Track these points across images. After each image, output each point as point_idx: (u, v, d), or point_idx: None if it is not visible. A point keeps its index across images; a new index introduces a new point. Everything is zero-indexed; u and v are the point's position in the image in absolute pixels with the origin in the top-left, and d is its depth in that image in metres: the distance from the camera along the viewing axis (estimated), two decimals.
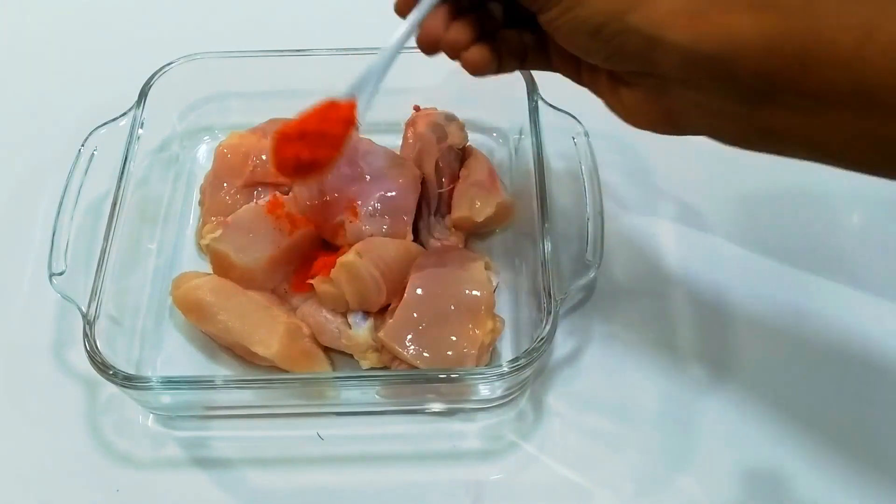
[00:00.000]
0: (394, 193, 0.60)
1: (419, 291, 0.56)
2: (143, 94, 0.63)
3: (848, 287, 0.61)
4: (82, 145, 0.61)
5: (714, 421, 0.55)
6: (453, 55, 0.46)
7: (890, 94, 0.36)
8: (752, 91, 0.39)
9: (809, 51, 0.37)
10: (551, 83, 0.63)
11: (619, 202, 0.64)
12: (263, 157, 0.63)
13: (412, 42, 0.51)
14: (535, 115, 0.61)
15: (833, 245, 0.63)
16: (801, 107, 0.38)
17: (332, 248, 0.60)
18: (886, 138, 0.37)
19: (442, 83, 0.67)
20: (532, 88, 0.63)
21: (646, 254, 0.63)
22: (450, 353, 0.54)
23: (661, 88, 0.42)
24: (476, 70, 0.46)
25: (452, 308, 0.55)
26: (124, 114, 0.63)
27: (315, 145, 0.45)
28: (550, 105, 0.62)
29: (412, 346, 0.54)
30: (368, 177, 0.61)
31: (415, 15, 0.45)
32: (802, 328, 0.59)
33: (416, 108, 0.65)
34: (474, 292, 0.56)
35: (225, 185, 0.63)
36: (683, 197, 0.66)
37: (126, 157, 0.60)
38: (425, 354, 0.54)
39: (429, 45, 0.46)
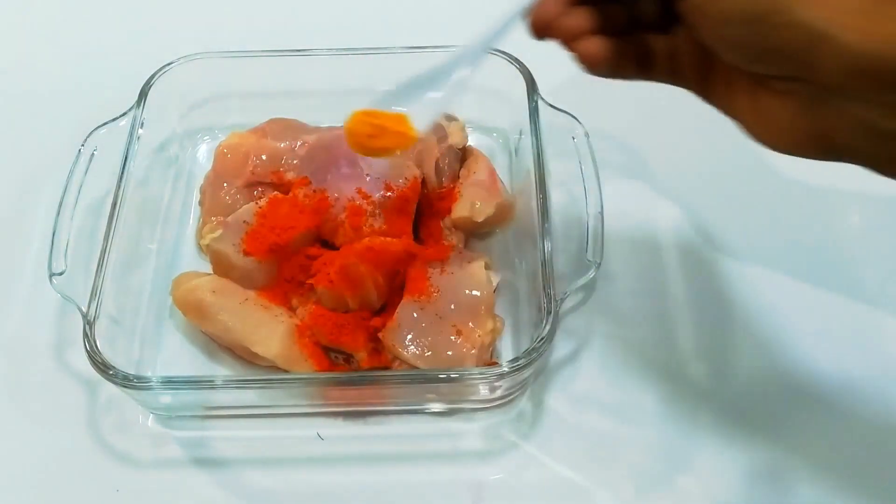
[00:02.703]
0: (394, 193, 0.60)
1: (419, 291, 0.56)
2: (143, 94, 0.63)
3: (849, 286, 0.61)
4: (82, 145, 0.61)
5: (714, 421, 0.55)
6: (568, 43, 0.41)
7: None
8: None
9: None
10: (551, 83, 0.63)
11: (619, 202, 0.64)
12: (263, 157, 0.63)
13: (415, 42, 0.50)
14: (535, 115, 0.61)
15: (833, 244, 0.63)
16: None
17: (332, 248, 0.60)
18: None
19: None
20: (532, 88, 0.62)
21: (646, 254, 0.63)
22: (450, 353, 0.54)
23: (818, 100, 0.36)
24: (592, 64, 0.41)
25: (452, 308, 0.55)
26: (124, 114, 0.63)
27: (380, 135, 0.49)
28: (550, 105, 0.62)
29: (412, 346, 0.54)
30: (368, 177, 0.61)
31: None
32: (803, 328, 0.59)
33: None
34: (474, 292, 0.57)
35: (225, 185, 0.63)
36: (683, 197, 0.66)
37: (126, 157, 0.60)
38: (426, 354, 0.54)
39: (540, 27, 0.41)
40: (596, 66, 0.41)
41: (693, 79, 0.42)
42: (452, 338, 0.54)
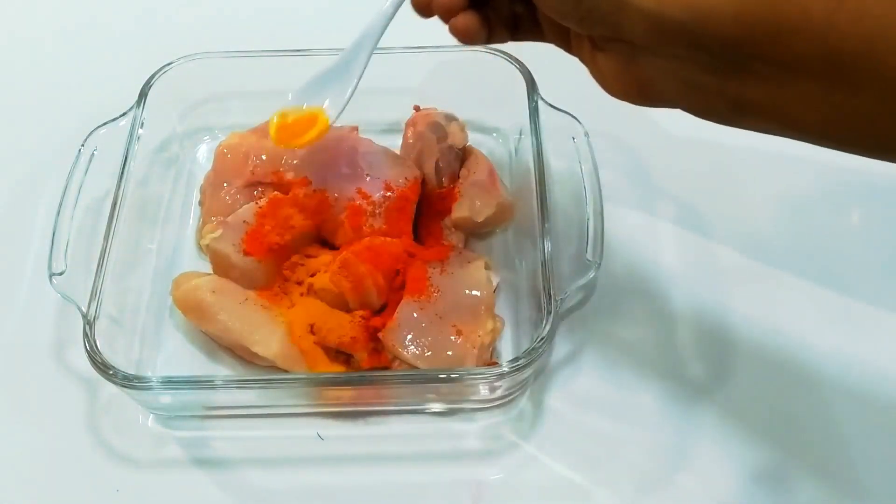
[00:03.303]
0: (394, 193, 0.60)
1: (419, 291, 0.56)
2: (143, 94, 0.63)
3: (850, 286, 0.61)
4: (82, 145, 0.61)
5: (714, 421, 0.55)
6: (444, 20, 0.46)
7: (857, 63, 0.35)
8: (721, 61, 0.38)
9: (780, 19, 0.36)
10: (551, 83, 0.63)
11: (619, 202, 0.64)
12: (263, 157, 0.63)
13: (415, 42, 0.51)
14: (535, 115, 0.61)
15: (832, 244, 0.63)
16: (772, 78, 0.37)
17: (332, 248, 0.60)
18: (855, 111, 0.36)
19: (442, 83, 0.68)
20: (532, 88, 0.63)
21: (646, 254, 0.63)
22: (450, 353, 0.54)
23: (632, 56, 0.41)
24: (465, 38, 0.46)
25: (452, 308, 0.55)
26: (124, 114, 0.63)
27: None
28: (550, 105, 0.62)
29: (412, 346, 0.54)
30: (368, 177, 0.61)
31: None
32: (802, 328, 0.59)
33: (416, 108, 0.65)
34: (474, 292, 0.57)
35: (225, 185, 0.63)
36: (683, 197, 0.66)
37: (126, 157, 0.60)
38: (425, 354, 0.54)
39: (421, 7, 0.47)
40: (469, 39, 0.46)
41: (553, 36, 0.47)
42: (452, 338, 0.54)
